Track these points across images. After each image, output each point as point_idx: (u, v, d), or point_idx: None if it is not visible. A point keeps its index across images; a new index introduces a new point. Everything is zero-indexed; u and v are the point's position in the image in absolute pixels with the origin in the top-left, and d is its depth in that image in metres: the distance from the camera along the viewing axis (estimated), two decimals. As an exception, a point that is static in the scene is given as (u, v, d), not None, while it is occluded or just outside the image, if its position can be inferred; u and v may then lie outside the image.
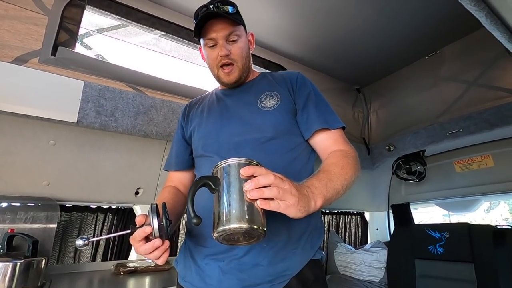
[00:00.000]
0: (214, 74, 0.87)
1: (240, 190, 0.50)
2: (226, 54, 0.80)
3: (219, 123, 0.83)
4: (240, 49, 0.82)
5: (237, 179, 0.52)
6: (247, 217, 0.49)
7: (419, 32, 1.74)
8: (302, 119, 0.81)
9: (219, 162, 0.55)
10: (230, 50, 0.80)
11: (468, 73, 1.81)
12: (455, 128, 1.83)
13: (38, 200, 1.34)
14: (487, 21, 0.71)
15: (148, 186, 1.63)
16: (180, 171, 0.94)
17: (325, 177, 0.62)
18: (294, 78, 0.87)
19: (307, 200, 0.54)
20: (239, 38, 0.82)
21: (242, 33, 0.84)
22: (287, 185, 0.51)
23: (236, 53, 0.81)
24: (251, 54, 0.90)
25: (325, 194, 0.59)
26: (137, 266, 1.45)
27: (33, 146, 1.29)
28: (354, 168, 0.69)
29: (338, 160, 0.70)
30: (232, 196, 0.50)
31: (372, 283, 2.02)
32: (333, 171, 0.65)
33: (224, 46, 0.80)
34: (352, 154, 0.74)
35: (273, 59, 1.92)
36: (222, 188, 0.52)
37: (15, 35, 1.15)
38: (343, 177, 0.65)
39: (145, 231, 0.57)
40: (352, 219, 2.71)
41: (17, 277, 1.03)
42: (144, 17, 1.48)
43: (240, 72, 0.84)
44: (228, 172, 0.53)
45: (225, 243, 0.53)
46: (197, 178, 0.54)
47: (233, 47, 0.81)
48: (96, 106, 1.29)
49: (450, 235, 1.80)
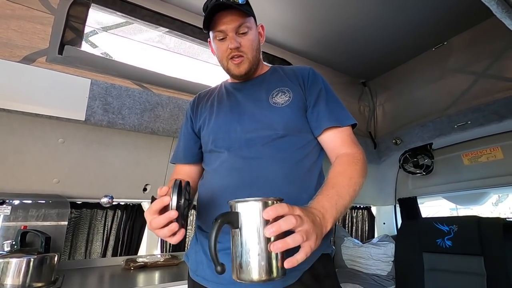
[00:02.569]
0: (224, 67, 0.85)
1: (261, 235, 0.47)
2: (236, 47, 0.78)
3: (229, 118, 0.82)
4: (250, 42, 0.81)
5: (258, 221, 0.48)
6: (268, 268, 0.47)
7: (426, 23, 1.71)
8: (313, 117, 0.80)
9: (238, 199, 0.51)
10: (240, 43, 0.79)
11: (476, 64, 1.78)
12: (463, 120, 1.80)
13: (49, 197, 1.37)
14: (498, 9, 0.69)
15: (155, 182, 1.65)
16: (188, 164, 0.93)
17: (335, 195, 0.62)
18: (306, 74, 0.85)
19: (320, 231, 0.53)
20: (249, 30, 0.80)
21: (252, 25, 0.82)
22: (306, 225, 0.49)
23: (246, 45, 0.80)
24: (261, 46, 0.88)
25: (335, 216, 0.59)
26: (146, 261, 1.47)
27: (42, 144, 1.32)
28: (361, 175, 0.69)
29: (345, 169, 0.69)
30: (252, 242, 0.48)
31: (380, 276, 2.02)
32: (342, 183, 0.65)
33: (234, 38, 0.78)
34: (359, 157, 0.73)
35: (277, 54, 1.90)
36: (241, 229, 0.49)
37: (23, 35, 1.16)
38: (352, 188, 0.65)
39: (163, 201, 0.55)
40: (358, 213, 2.71)
41: (31, 272, 1.06)
42: (149, 14, 1.49)
43: (250, 64, 0.82)
44: (247, 213, 0.49)
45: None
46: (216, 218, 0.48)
47: (243, 39, 0.80)
48: (103, 104, 1.30)
49: (459, 228, 1.78)
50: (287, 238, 0.46)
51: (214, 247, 0.47)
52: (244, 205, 0.49)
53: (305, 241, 0.48)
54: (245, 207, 0.49)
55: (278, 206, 0.48)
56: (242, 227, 0.48)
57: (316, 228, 0.52)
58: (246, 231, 0.48)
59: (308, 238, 0.48)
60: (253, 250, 0.47)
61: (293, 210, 0.49)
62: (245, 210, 0.49)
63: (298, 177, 0.73)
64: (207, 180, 0.84)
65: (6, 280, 1.02)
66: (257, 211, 0.48)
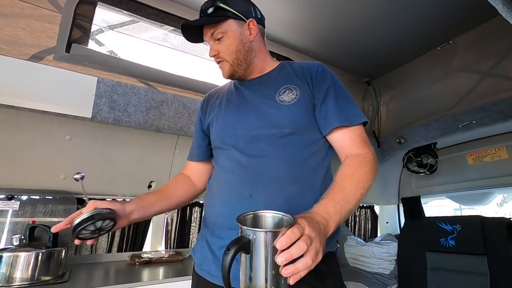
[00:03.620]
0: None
1: (272, 261, 0.48)
2: (214, 55, 0.83)
3: (236, 115, 0.83)
4: (226, 46, 0.81)
5: (270, 249, 0.48)
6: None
7: (431, 22, 1.70)
8: (321, 115, 0.78)
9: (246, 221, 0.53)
10: (218, 49, 0.82)
11: (482, 63, 1.77)
12: (468, 120, 1.79)
13: (56, 193, 1.39)
14: (503, 9, 0.69)
15: (160, 180, 1.67)
16: (200, 162, 0.96)
17: (341, 200, 0.61)
18: (314, 70, 0.83)
19: (324, 238, 0.54)
20: (224, 34, 0.81)
21: (228, 27, 0.81)
22: (315, 244, 0.49)
23: (223, 50, 0.82)
24: (252, 44, 0.84)
25: (338, 221, 0.59)
26: (151, 257, 1.49)
27: (50, 141, 1.34)
28: (370, 178, 0.68)
29: (354, 171, 0.68)
30: (263, 267, 0.48)
31: (382, 275, 2.02)
32: (349, 187, 0.64)
33: (212, 47, 0.83)
34: (370, 159, 0.72)
35: (282, 53, 1.91)
36: (252, 254, 0.49)
37: (31, 33, 1.18)
38: (360, 192, 0.65)
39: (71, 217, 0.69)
40: (361, 213, 2.71)
41: (39, 266, 1.08)
42: (154, 13, 1.50)
43: (231, 67, 0.83)
44: (259, 241, 0.49)
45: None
46: (228, 246, 0.48)
47: (220, 45, 0.82)
48: (109, 102, 1.31)
49: (462, 228, 1.78)
50: (298, 263, 0.47)
51: (227, 276, 0.47)
52: (254, 233, 0.49)
53: (314, 260, 0.48)
54: (256, 236, 0.49)
55: (291, 233, 0.47)
56: (253, 253, 0.49)
57: (322, 238, 0.52)
58: (257, 257, 0.49)
59: (316, 256, 0.49)
60: (262, 276, 0.48)
61: (302, 230, 0.49)
62: (257, 238, 0.49)
63: (303, 176, 0.73)
64: (214, 177, 0.86)
65: (16, 273, 1.04)
66: (268, 240, 0.48)
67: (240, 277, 0.51)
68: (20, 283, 1.04)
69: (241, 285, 0.51)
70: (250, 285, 0.49)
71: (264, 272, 0.48)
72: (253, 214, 0.56)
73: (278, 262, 0.46)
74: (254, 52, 0.85)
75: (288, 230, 0.48)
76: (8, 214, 1.29)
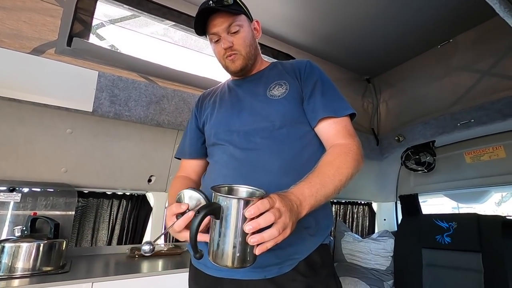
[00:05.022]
0: (223, 66, 0.89)
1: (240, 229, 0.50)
2: (229, 46, 0.82)
3: (230, 112, 0.85)
4: (243, 39, 0.83)
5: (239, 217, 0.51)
6: (243, 257, 0.51)
7: (432, 21, 1.70)
8: (309, 108, 0.81)
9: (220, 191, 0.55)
10: (232, 42, 0.82)
11: (481, 62, 1.77)
12: (467, 119, 1.80)
13: (57, 186, 1.41)
14: (500, 9, 0.70)
15: (160, 174, 1.69)
16: (193, 159, 0.97)
17: (318, 183, 0.63)
18: (303, 66, 0.87)
19: (296, 217, 0.55)
20: (240, 28, 0.82)
21: (243, 22, 0.84)
22: (283, 217, 0.51)
23: (239, 43, 0.83)
24: (257, 42, 0.90)
25: (312, 204, 0.60)
26: (150, 250, 1.51)
27: (51, 134, 1.35)
28: (351, 166, 0.69)
29: (335, 159, 0.69)
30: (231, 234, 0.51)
31: (378, 271, 2.05)
32: (327, 173, 0.65)
33: (226, 38, 0.81)
34: (352, 148, 0.73)
35: (282, 49, 1.91)
36: (221, 221, 0.51)
37: (33, 27, 1.18)
38: (338, 178, 0.65)
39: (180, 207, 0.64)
40: (359, 209, 2.73)
41: (41, 256, 1.10)
42: (155, 7, 1.50)
43: (244, 60, 0.85)
44: (229, 208, 0.51)
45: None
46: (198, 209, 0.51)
47: (235, 38, 0.82)
48: (110, 96, 1.32)
49: (458, 225, 1.80)
50: (264, 233, 0.49)
51: (194, 237, 0.50)
52: (226, 200, 0.51)
53: (280, 233, 0.51)
54: (227, 202, 0.51)
55: (260, 204, 0.49)
56: (222, 219, 0.51)
57: (292, 216, 0.54)
58: (226, 223, 0.51)
59: (283, 229, 0.51)
60: (230, 242, 0.51)
61: (273, 203, 0.51)
62: (227, 204, 0.51)
63: (295, 168, 0.75)
64: (209, 171, 0.88)
65: (17, 263, 1.06)
66: (239, 207, 0.50)
67: (209, 243, 0.54)
68: (22, 273, 1.06)
69: (209, 250, 0.53)
70: (217, 251, 0.51)
71: (232, 239, 0.51)
72: (228, 187, 0.59)
73: (245, 230, 0.49)
74: (258, 50, 0.91)
75: (259, 201, 0.50)
76: (10, 205, 1.31)
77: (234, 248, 0.50)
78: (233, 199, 0.51)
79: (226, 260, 0.51)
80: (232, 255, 0.50)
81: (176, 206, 0.65)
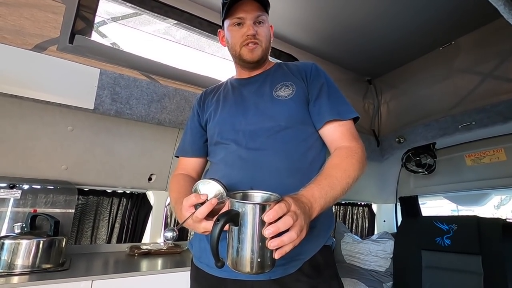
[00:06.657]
0: (236, 53, 0.87)
1: (259, 234, 0.50)
2: (254, 34, 0.83)
3: (234, 111, 0.85)
4: (265, 32, 0.86)
5: (257, 222, 0.51)
6: (262, 263, 0.51)
7: (434, 22, 1.70)
8: (314, 110, 0.82)
9: (235, 197, 0.55)
10: (256, 31, 0.84)
11: (483, 65, 1.77)
12: (468, 121, 1.80)
13: (57, 183, 1.41)
14: (505, 10, 0.70)
15: (160, 173, 1.68)
16: (194, 157, 0.96)
17: (327, 185, 0.64)
18: (309, 68, 0.88)
19: (308, 219, 0.56)
20: (265, 22, 0.86)
21: (267, 19, 0.88)
22: (300, 220, 0.52)
23: (262, 34, 0.85)
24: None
25: (322, 206, 0.61)
26: (150, 249, 1.51)
27: (52, 131, 1.35)
28: (357, 169, 0.70)
29: (341, 161, 0.71)
30: (250, 240, 0.51)
31: (378, 272, 2.05)
32: (335, 175, 0.67)
33: (252, 26, 0.83)
34: (357, 151, 0.74)
35: (284, 49, 1.91)
36: (240, 227, 0.51)
37: (35, 23, 1.18)
38: (345, 181, 0.67)
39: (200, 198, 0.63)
40: (359, 211, 2.73)
41: (40, 254, 1.10)
42: (158, 6, 1.50)
43: (263, 52, 0.86)
44: (247, 214, 0.51)
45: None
46: (218, 217, 0.50)
47: (260, 28, 0.84)
48: (111, 94, 1.32)
49: (458, 228, 1.80)
50: (283, 237, 0.49)
51: (216, 246, 0.50)
52: (244, 206, 0.51)
53: (298, 236, 0.51)
54: (245, 208, 0.51)
55: (278, 208, 0.50)
56: (241, 225, 0.51)
57: (306, 218, 0.55)
58: (244, 229, 0.51)
59: (301, 231, 0.52)
60: (250, 248, 0.51)
61: (289, 206, 0.52)
62: (245, 210, 0.51)
63: (300, 168, 0.75)
64: (212, 170, 0.86)
65: (17, 260, 1.06)
66: (256, 213, 0.51)
67: (227, 249, 0.53)
68: (21, 270, 1.05)
69: (228, 257, 0.53)
70: (237, 258, 0.51)
71: (250, 244, 0.50)
72: (242, 193, 0.59)
73: (265, 235, 0.49)
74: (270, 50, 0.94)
75: (276, 205, 0.50)
76: (10, 202, 1.30)
77: (253, 254, 0.50)
78: (250, 205, 0.51)
79: (246, 266, 0.51)
80: (252, 261, 0.50)
81: (195, 196, 0.64)
